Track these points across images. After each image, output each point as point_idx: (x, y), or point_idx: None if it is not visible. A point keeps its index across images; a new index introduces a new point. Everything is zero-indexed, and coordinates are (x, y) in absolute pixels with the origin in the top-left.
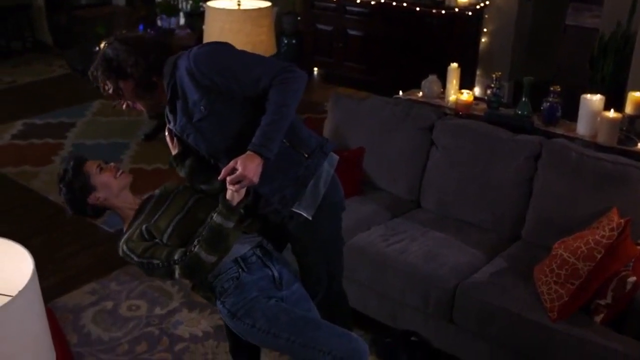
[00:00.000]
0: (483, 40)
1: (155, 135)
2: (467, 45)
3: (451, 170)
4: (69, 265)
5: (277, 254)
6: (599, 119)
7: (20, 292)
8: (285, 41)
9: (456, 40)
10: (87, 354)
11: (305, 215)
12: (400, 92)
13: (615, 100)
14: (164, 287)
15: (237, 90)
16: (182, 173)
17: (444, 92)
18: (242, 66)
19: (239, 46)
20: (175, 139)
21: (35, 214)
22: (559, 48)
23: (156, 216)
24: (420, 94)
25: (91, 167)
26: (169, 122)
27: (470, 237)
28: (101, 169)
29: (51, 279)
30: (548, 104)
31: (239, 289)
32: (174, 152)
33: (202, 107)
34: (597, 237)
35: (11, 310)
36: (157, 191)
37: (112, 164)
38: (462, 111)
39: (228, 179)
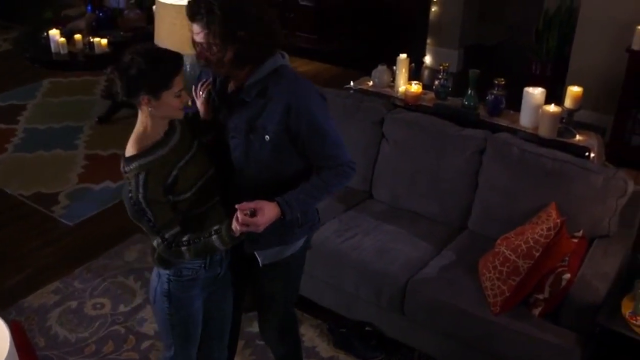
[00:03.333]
0: (433, 9)
1: (108, 117)
2: (418, 14)
3: (401, 163)
4: (31, 262)
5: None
6: (540, 111)
7: None
8: None
9: (406, 10)
10: (55, 357)
11: (260, 260)
12: (352, 82)
13: (558, 80)
14: (127, 283)
15: (304, 149)
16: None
17: (393, 81)
18: (328, 140)
19: (187, 43)
20: (209, 105)
21: None
22: (509, 9)
23: (183, 161)
24: (371, 82)
25: (177, 85)
26: (214, 87)
27: (420, 228)
28: (179, 94)
29: (15, 277)
30: (492, 96)
31: (192, 281)
32: (202, 116)
33: (267, 136)
34: (535, 235)
35: None
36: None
37: (187, 96)
38: (411, 102)
39: (240, 214)
